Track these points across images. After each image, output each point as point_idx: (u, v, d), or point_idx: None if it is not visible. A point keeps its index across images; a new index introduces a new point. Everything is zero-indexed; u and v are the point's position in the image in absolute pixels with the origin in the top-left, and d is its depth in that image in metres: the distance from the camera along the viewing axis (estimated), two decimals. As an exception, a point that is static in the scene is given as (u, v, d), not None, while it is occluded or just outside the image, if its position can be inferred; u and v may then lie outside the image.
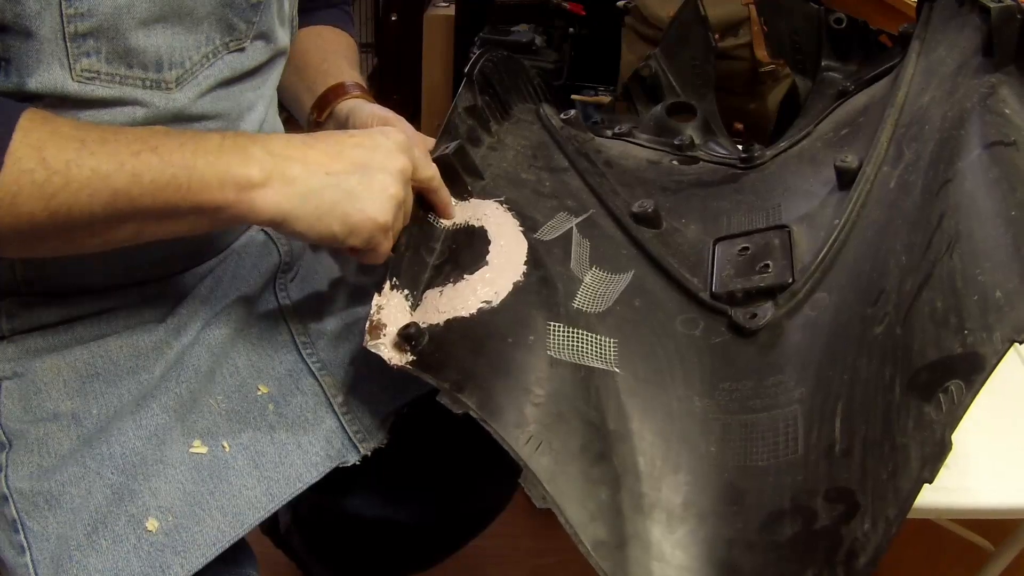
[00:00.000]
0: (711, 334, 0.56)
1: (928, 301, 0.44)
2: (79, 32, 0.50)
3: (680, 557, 0.44)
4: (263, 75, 0.65)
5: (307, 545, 0.99)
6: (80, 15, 0.49)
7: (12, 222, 0.46)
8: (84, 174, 0.46)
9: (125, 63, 0.53)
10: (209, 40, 0.57)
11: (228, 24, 0.58)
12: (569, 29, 1.47)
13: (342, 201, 0.52)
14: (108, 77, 0.52)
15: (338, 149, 0.53)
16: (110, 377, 0.59)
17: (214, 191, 0.49)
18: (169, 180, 0.48)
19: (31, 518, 0.54)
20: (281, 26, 0.65)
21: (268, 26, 0.62)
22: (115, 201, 0.47)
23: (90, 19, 0.50)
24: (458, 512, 0.88)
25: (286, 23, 0.67)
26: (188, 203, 0.49)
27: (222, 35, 0.58)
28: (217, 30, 0.57)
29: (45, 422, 0.57)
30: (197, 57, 0.56)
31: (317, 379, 0.62)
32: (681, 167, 0.79)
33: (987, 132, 0.51)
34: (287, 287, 0.67)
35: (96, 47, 0.51)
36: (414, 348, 0.53)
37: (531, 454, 0.46)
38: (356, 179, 0.53)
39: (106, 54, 0.52)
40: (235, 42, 0.59)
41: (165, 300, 0.62)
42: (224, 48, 0.58)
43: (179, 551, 0.53)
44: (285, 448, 0.58)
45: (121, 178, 0.47)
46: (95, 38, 0.51)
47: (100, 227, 0.49)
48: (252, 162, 0.50)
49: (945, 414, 0.39)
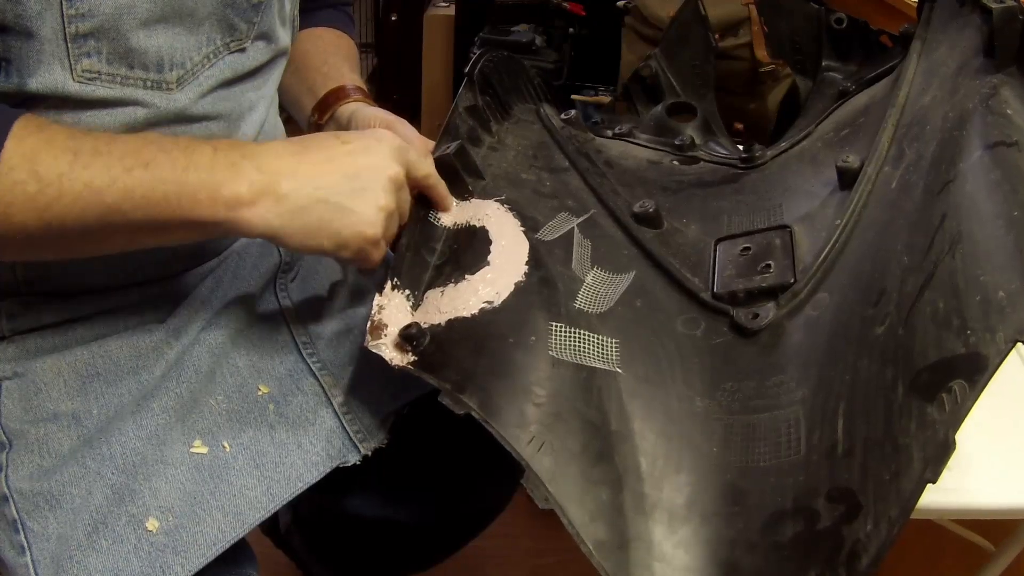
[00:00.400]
0: (713, 334, 0.56)
1: (930, 302, 0.44)
2: (80, 32, 0.50)
3: (682, 557, 0.44)
4: (264, 75, 0.64)
5: (307, 545, 0.99)
6: (81, 15, 0.49)
7: (6, 231, 0.47)
8: (76, 188, 0.47)
9: (126, 63, 0.53)
10: (210, 40, 0.57)
11: (229, 24, 0.58)
12: (569, 29, 1.47)
13: (332, 217, 0.52)
14: (109, 78, 0.52)
15: (329, 157, 0.53)
16: (110, 377, 0.59)
17: (204, 208, 0.49)
18: (161, 197, 0.48)
19: (31, 518, 0.54)
20: (282, 26, 0.65)
21: (269, 26, 0.62)
22: (108, 215, 0.48)
23: (91, 19, 0.50)
24: (458, 512, 0.88)
25: (287, 23, 0.66)
26: (180, 218, 0.49)
27: (223, 35, 0.58)
28: (218, 30, 0.57)
29: (45, 422, 0.57)
30: (198, 58, 0.56)
31: (317, 379, 0.62)
32: (681, 167, 0.79)
33: (989, 133, 0.51)
34: (287, 287, 0.67)
35: (97, 48, 0.51)
36: (415, 348, 0.53)
37: (533, 455, 0.46)
38: (346, 192, 0.53)
39: (107, 55, 0.51)
40: (236, 42, 0.59)
41: (166, 301, 0.62)
42: (225, 48, 0.58)
43: (179, 551, 0.53)
44: (285, 448, 0.58)
45: (113, 193, 0.47)
46: (96, 39, 0.51)
47: (94, 237, 0.50)
48: (242, 179, 0.50)
49: (948, 415, 0.39)
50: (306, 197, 0.52)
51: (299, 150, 0.53)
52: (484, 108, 0.75)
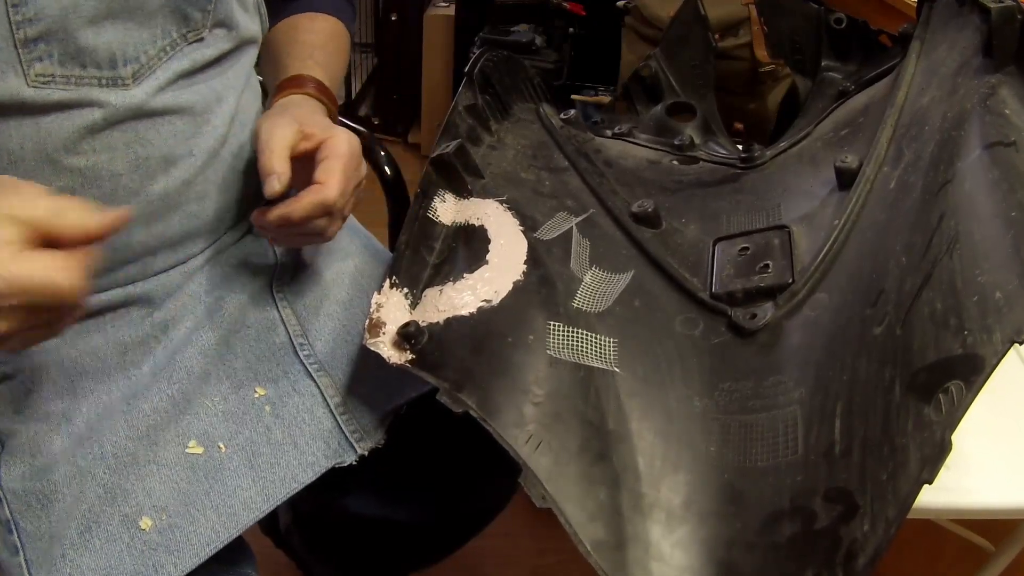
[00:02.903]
0: (711, 334, 0.56)
1: (928, 302, 0.44)
2: (29, 37, 0.50)
3: (679, 557, 0.44)
4: (229, 63, 0.63)
5: (308, 545, 0.99)
6: (28, 20, 0.49)
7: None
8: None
9: (78, 63, 0.52)
10: (165, 33, 0.56)
11: (183, 15, 0.57)
12: (569, 29, 1.46)
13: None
14: (63, 79, 0.52)
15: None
16: (98, 375, 0.59)
17: None
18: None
19: (24, 518, 0.54)
20: (244, 11, 0.63)
21: (226, 13, 0.60)
22: None
23: (38, 23, 0.49)
24: (458, 511, 0.88)
25: (250, 9, 0.65)
26: None
27: (178, 27, 0.57)
28: (172, 22, 0.56)
29: (36, 422, 0.57)
30: (153, 51, 0.55)
31: (314, 380, 0.62)
32: (681, 167, 0.79)
33: (987, 133, 0.50)
34: (284, 288, 0.67)
35: (48, 50, 0.51)
36: (414, 347, 0.53)
37: (531, 453, 0.46)
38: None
39: (58, 56, 0.51)
40: (193, 33, 0.58)
41: (151, 298, 0.62)
42: (182, 40, 0.57)
43: (172, 550, 0.53)
44: (281, 448, 0.58)
45: None
46: (46, 41, 0.50)
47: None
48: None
49: (945, 415, 0.39)
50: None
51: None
52: (484, 107, 0.75)
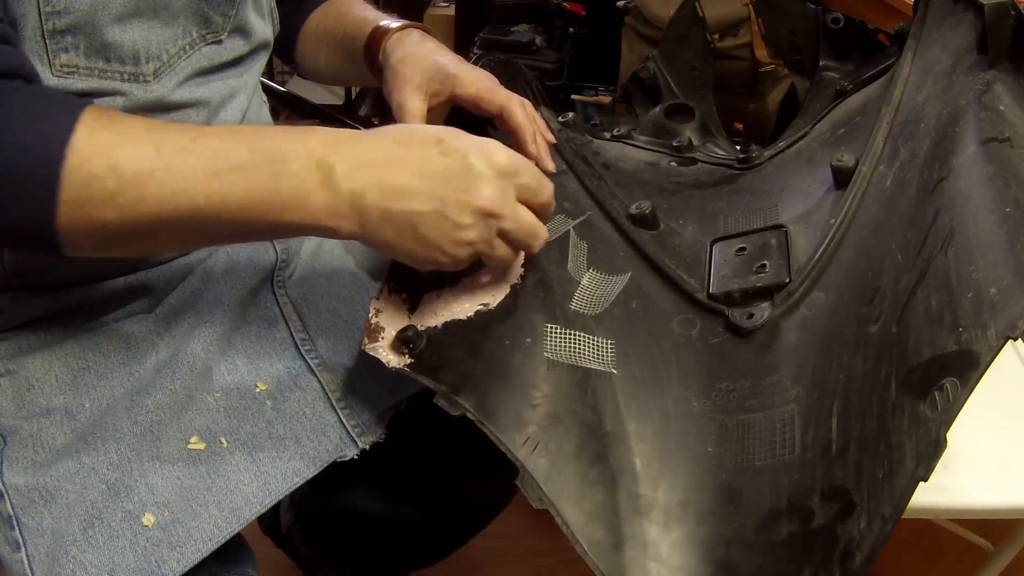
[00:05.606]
0: (708, 334, 0.56)
1: (923, 299, 0.44)
2: (57, 29, 0.51)
3: (677, 557, 0.44)
4: (245, 65, 0.65)
5: (310, 542, 0.99)
6: (58, 12, 0.50)
7: (84, 228, 0.45)
8: (161, 191, 0.45)
9: (103, 57, 0.53)
10: (186, 33, 0.57)
11: (204, 17, 0.58)
12: (569, 29, 1.46)
13: (408, 239, 0.50)
14: (87, 71, 0.53)
15: (420, 172, 0.49)
16: (101, 370, 0.59)
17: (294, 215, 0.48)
18: (254, 204, 0.47)
19: (26, 514, 0.54)
20: (260, 18, 0.65)
21: (244, 19, 0.62)
22: (195, 217, 0.46)
23: (67, 16, 0.51)
24: (461, 507, 0.88)
25: (265, 15, 0.67)
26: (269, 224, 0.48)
27: (198, 28, 0.58)
28: (193, 23, 0.58)
29: (38, 417, 0.57)
30: (174, 50, 0.57)
31: (316, 376, 0.62)
32: (679, 168, 0.79)
33: (982, 129, 0.50)
34: (285, 284, 0.68)
35: (74, 43, 0.52)
36: (412, 351, 0.53)
37: (528, 456, 0.46)
38: (428, 216, 0.49)
39: (84, 49, 0.52)
40: (212, 34, 0.60)
41: (152, 290, 0.63)
42: (201, 40, 0.59)
43: (175, 546, 0.53)
44: (282, 443, 0.58)
45: (204, 197, 0.45)
46: (73, 34, 0.51)
47: (177, 237, 0.49)
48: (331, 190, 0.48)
49: (940, 412, 0.39)
50: (385, 212, 0.49)
51: (393, 155, 0.49)
52: (481, 110, 0.75)
